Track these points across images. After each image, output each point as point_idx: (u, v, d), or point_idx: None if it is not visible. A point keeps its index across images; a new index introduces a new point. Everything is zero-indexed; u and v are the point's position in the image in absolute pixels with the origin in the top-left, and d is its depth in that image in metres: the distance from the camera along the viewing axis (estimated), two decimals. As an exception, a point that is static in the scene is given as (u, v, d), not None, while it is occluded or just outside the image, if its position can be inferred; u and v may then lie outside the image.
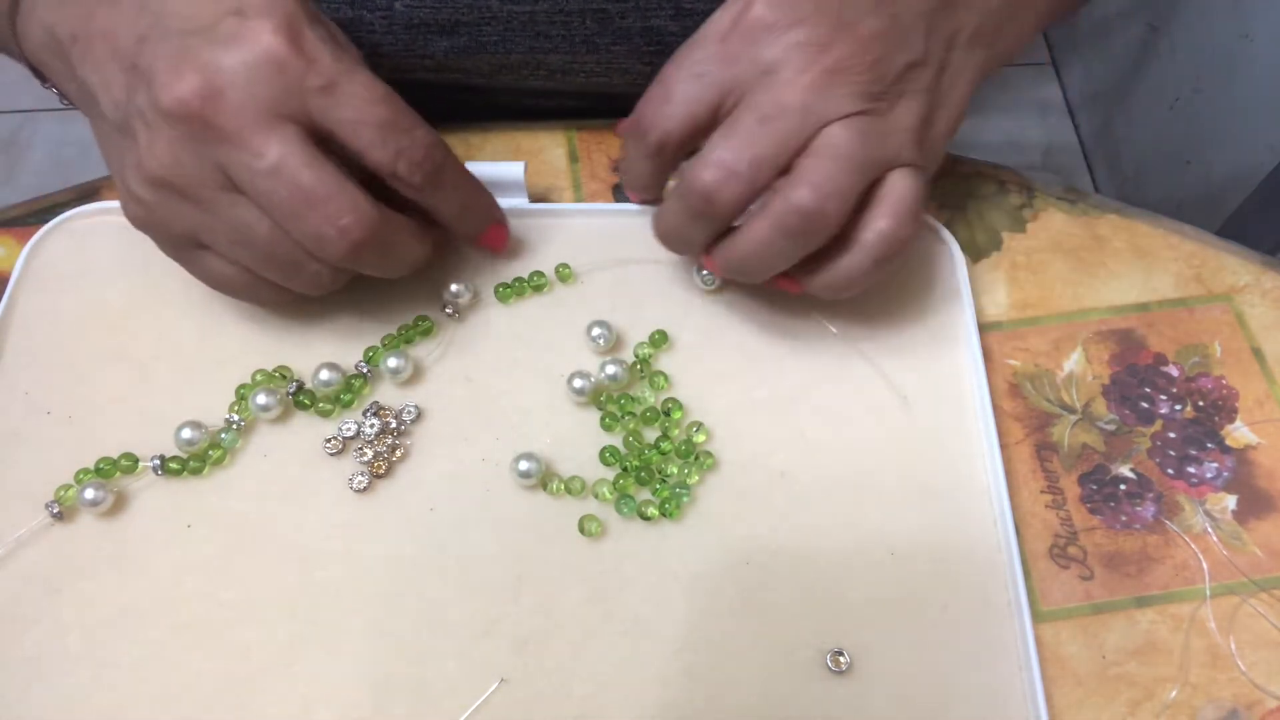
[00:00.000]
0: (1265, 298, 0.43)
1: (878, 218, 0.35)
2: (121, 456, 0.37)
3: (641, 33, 0.47)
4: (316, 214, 0.33)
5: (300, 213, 0.33)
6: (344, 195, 0.33)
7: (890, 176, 0.35)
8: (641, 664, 0.35)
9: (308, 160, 0.32)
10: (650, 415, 0.39)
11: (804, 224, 0.34)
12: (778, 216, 0.34)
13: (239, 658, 0.34)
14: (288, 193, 0.32)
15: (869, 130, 0.34)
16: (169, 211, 0.35)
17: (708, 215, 0.35)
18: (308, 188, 0.32)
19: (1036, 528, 0.38)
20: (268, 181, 0.32)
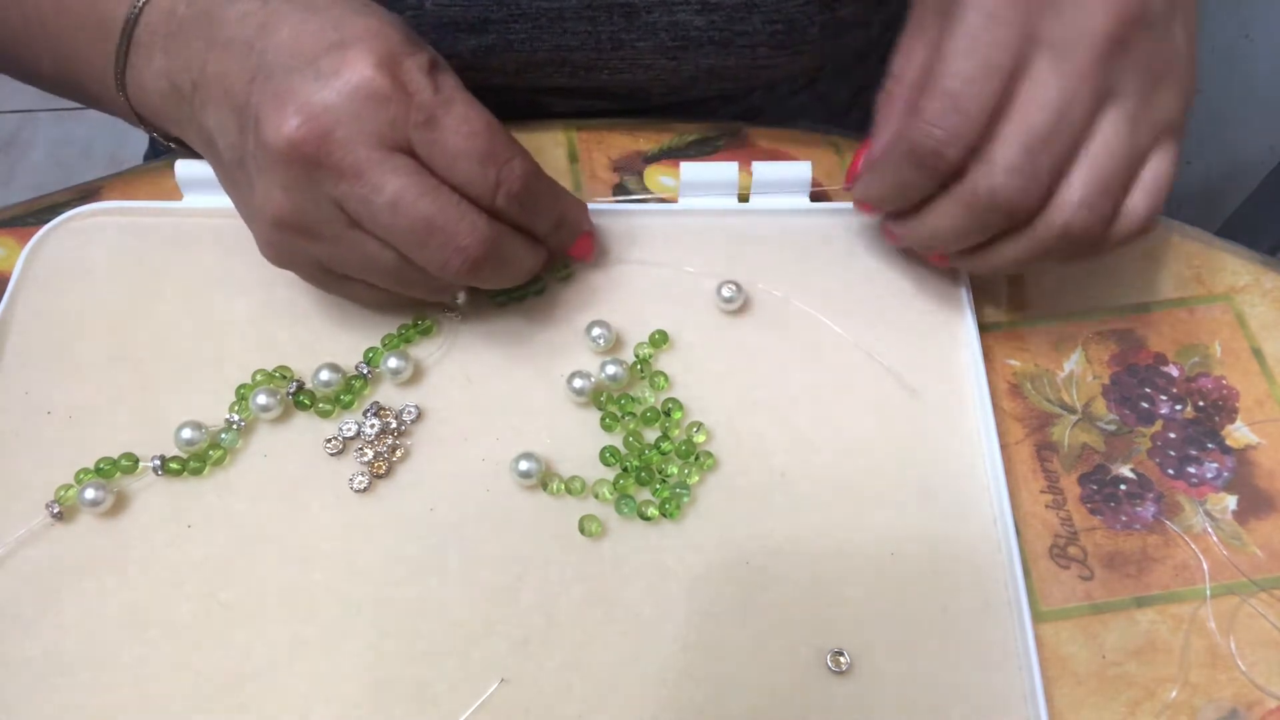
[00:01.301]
0: (1265, 298, 0.43)
1: (1138, 200, 0.34)
2: (121, 456, 0.37)
3: (667, 27, 0.47)
4: (437, 241, 0.34)
5: (422, 241, 0.34)
6: (462, 220, 0.34)
7: (1152, 157, 0.35)
8: (641, 664, 0.35)
9: (423, 190, 0.33)
10: (650, 415, 0.39)
11: (1068, 241, 0.34)
12: (1039, 237, 0.34)
13: (239, 658, 0.34)
14: (408, 224, 0.33)
15: (1146, 116, 0.34)
16: (298, 249, 0.36)
17: (998, 224, 0.35)
18: (427, 218, 0.33)
19: (1036, 528, 0.38)
20: (387, 216, 0.33)
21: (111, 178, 0.46)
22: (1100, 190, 0.34)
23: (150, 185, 0.45)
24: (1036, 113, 0.33)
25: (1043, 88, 0.33)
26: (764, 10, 0.46)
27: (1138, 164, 0.35)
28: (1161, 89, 0.34)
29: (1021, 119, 0.33)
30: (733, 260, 0.43)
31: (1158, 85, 0.34)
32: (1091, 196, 0.34)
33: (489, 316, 0.41)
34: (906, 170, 0.35)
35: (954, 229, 0.35)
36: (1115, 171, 0.34)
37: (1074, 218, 0.34)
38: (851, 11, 0.48)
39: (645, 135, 0.47)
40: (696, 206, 0.44)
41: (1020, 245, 0.35)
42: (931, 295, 0.42)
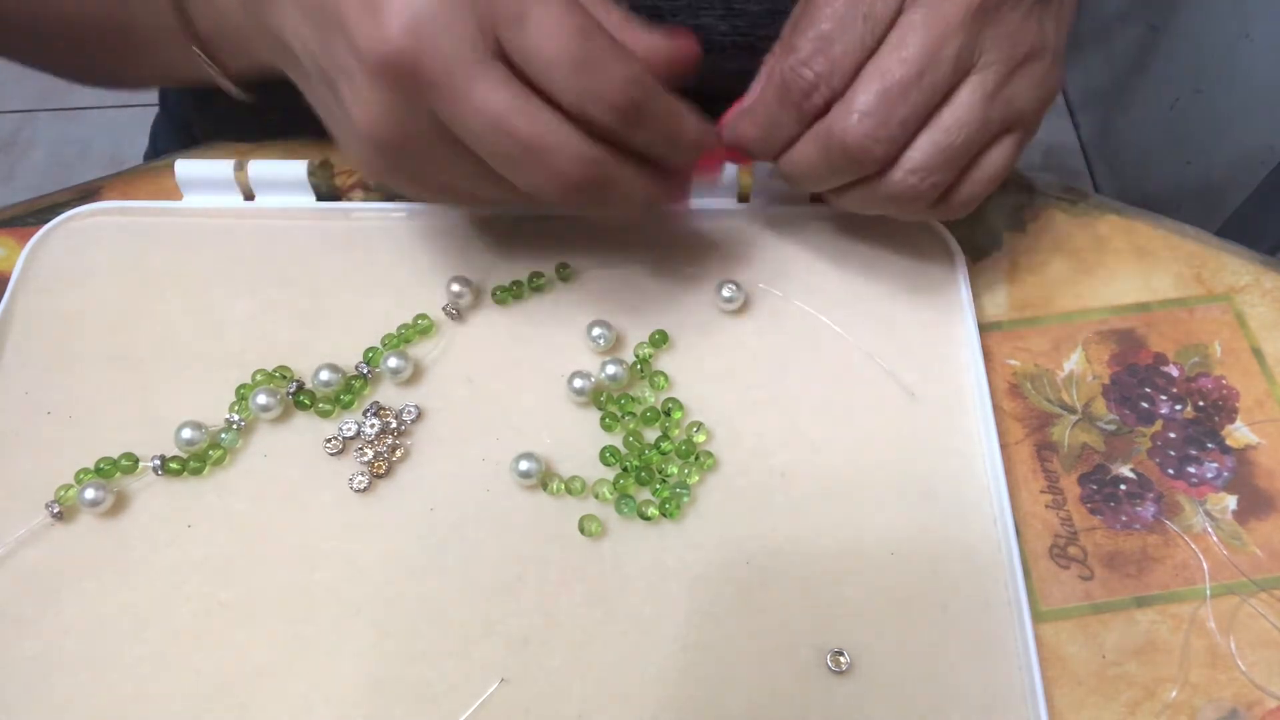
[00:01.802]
0: (1265, 298, 0.43)
1: (962, 186, 0.35)
2: (121, 456, 0.37)
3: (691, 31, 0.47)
4: (531, 163, 0.31)
5: (517, 163, 0.31)
6: (559, 142, 0.31)
7: (996, 145, 0.35)
8: (641, 664, 0.35)
9: (518, 107, 0.30)
10: (650, 415, 0.39)
11: (895, 204, 0.34)
12: (881, 192, 0.34)
13: (239, 658, 0.34)
14: (505, 143, 0.31)
15: (1006, 91, 0.34)
16: (399, 165, 0.34)
17: (847, 169, 0.35)
18: (523, 139, 0.31)
19: (1036, 528, 0.38)
20: (485, 132, 0.31)
21: (111, 178, 0.46)
22: (941, 162, 0.34)
23: (150, 185, 0.45)
24: (899, 64, 0.33)
25: (909, 39, 0.33)
26: (788, 15, 0.46)
27: (983, 145, 0.35)
28: (1022, 74, 0.35)
29: (884, 67, 0.33)
30: (733, 260, 0.43)
31: (1019, 69, 0.34)
32: (930, 165, 0.34)
33: (489, 316, 0.41)
34: (775, 109, 0.35)
35: (810, 169, 0.35)
36: (959, 146, 0.34)
37: (906, 182, 0.34)
38: None
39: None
40: (696, 206, 0.44)
41: (859, 196, 0.36)
42: (931, 295, 0.42)
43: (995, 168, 0.35)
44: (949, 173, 0.35)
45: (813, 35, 0.33)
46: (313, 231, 0.43)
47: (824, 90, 0.34)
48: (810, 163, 0.35)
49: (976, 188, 0.36)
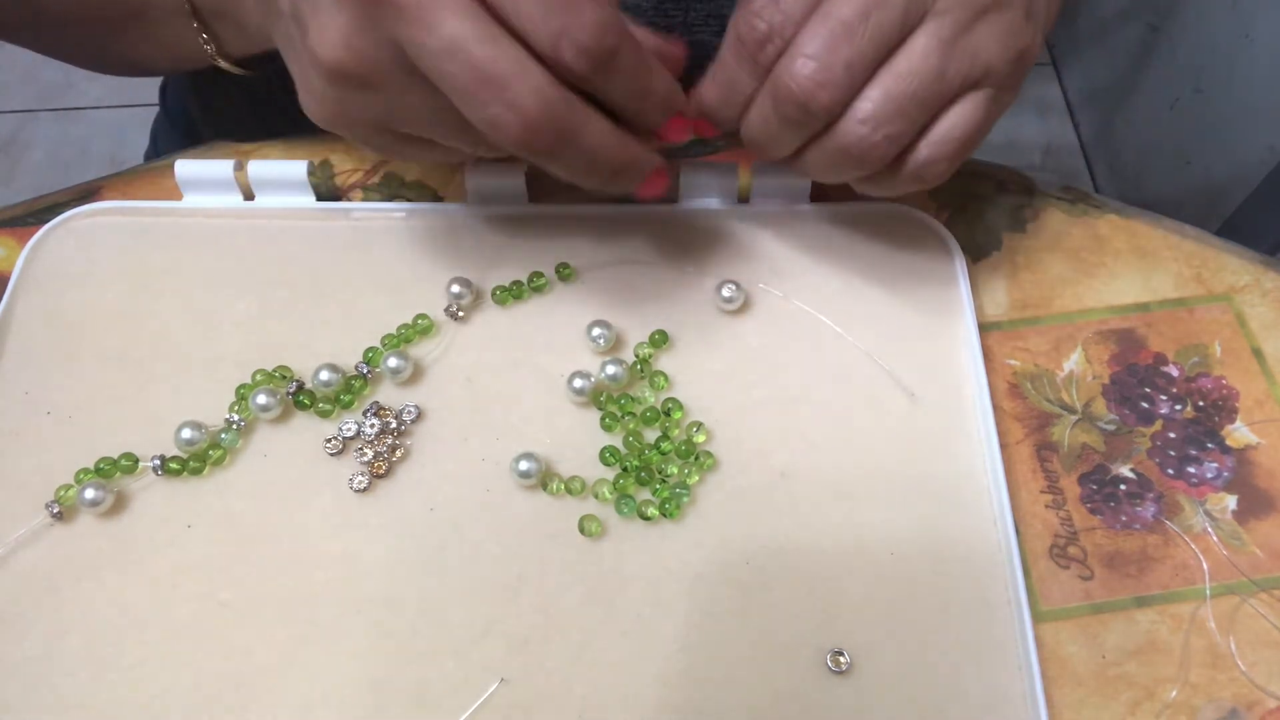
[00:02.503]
0: (1265, 298, 0.43)
1: (921, 145, 0.34)
2: (121, 456, 0.37)
3: (688, 47, 0.47)
4: (489, 94, 0.30)
5: (474, 94, 0.30)
6: (521, 75, 0.30)
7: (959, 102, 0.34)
8: (641, 664, 0.35)
9: (482, 36, 0.29)
10: (650, 415, 0.39)
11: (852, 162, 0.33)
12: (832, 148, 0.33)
13: (239, 658, 0.34)
14: (462, 72, 0.30)
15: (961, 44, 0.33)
16: (356, 104, 0.33)
17: (802, 124, 0.33)
18: (482, 66, 0.29)
19: (1036, 528, 0.38)
20: (441, 61, 0.30)
21: (111, 178, 0.46)
22: (892, 111, 0.33)
23: (150, 185, 0.45)
24: (845, 5, 0.32)
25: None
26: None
27: (942, 99, 0.33)
28: (985, 24, 0.33)
29: (830, 10, 0.32)
30: (733, 260, 0.43)
31: (982, 18, 0.33)
32: (881, 115, 0.32)
33: (489, 316, 0.42)
34: (733, 66, 0.34)
35: (765, 125, 0.34)
36: (911, 94, 0.33)
37: (856, 133, 0.33)
38: None
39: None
40: (696, 206, 0.44)
41: (816, 158, 0.34)
42: (931, 295, 0.42)
43: (959, 128, 0.34)
44: (903, 124, 0.33)
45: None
46: (313, 231, 0.43)
47: (777, 42, 0.33)
48: (765, 119, 0.34)
49: (938, 149, 0.34)
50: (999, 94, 0.34)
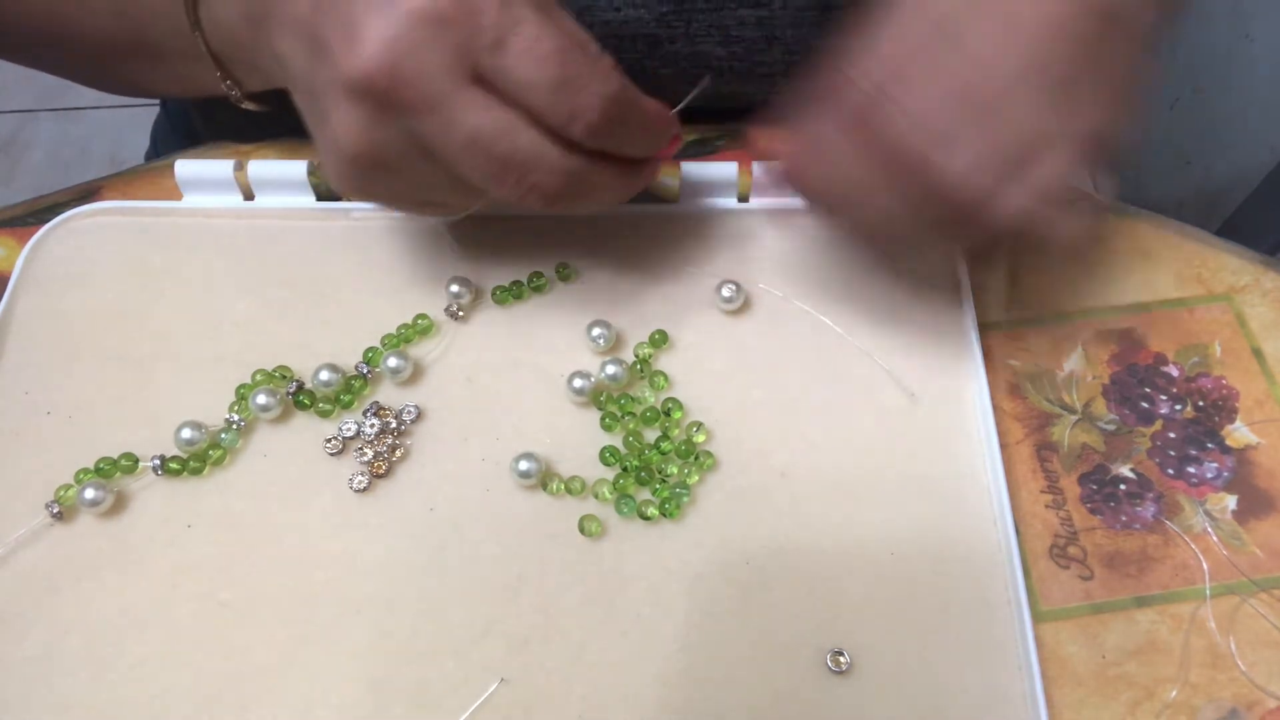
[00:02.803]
0: (1265, 298, 0.43)
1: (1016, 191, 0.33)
2: (121, 456, 0.37)
3: (689, 57, 0.47)
4: (512, 179, 0.32)
5: (498, 179, 0.32)
6: (539, 158, 0.32)
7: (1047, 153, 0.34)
8: (641, 664, 0.35)
9: (498, 129, 0.31)
10: (650, 415, 0.39)
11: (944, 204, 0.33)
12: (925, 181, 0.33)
13: (239, 658, 0.34)
14: (483, 165, 0.32)
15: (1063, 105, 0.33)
16: (376, 181, 0.34)
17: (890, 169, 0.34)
18: (503, 157, 0.32)
19: (1036, 528, 0.38)
20: (463, 156, 0.32)
21: (111, 178, 0.46)
22: (990, 151, 0.33)
23: (150, 185, 0.45)
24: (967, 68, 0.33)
25: (979, 45, 0.33)
26: (784, 43, 0.47)
27: (1035, 148, 0.34)
28: (1086, 89, 0.34)
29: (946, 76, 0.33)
30: (733, 260, 0.43)
31: (1086, 83, 0.34)
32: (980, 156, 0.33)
33: (489, 316, 0.41)
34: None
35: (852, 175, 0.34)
36: (1010, 139, 0.33)
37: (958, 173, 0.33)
38: None
39: (645, 135, 0.47)
40: (696, 206, 0.44)
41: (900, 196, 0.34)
42: (931, 295, 0.42)
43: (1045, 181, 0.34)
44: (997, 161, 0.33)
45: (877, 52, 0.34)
46: (313, 231, 0.43)
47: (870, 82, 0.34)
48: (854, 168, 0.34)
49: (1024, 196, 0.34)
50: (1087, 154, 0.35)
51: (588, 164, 0.34)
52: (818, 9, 0.45)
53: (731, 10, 0.45)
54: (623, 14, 0.45)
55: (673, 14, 0.45)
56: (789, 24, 0.46)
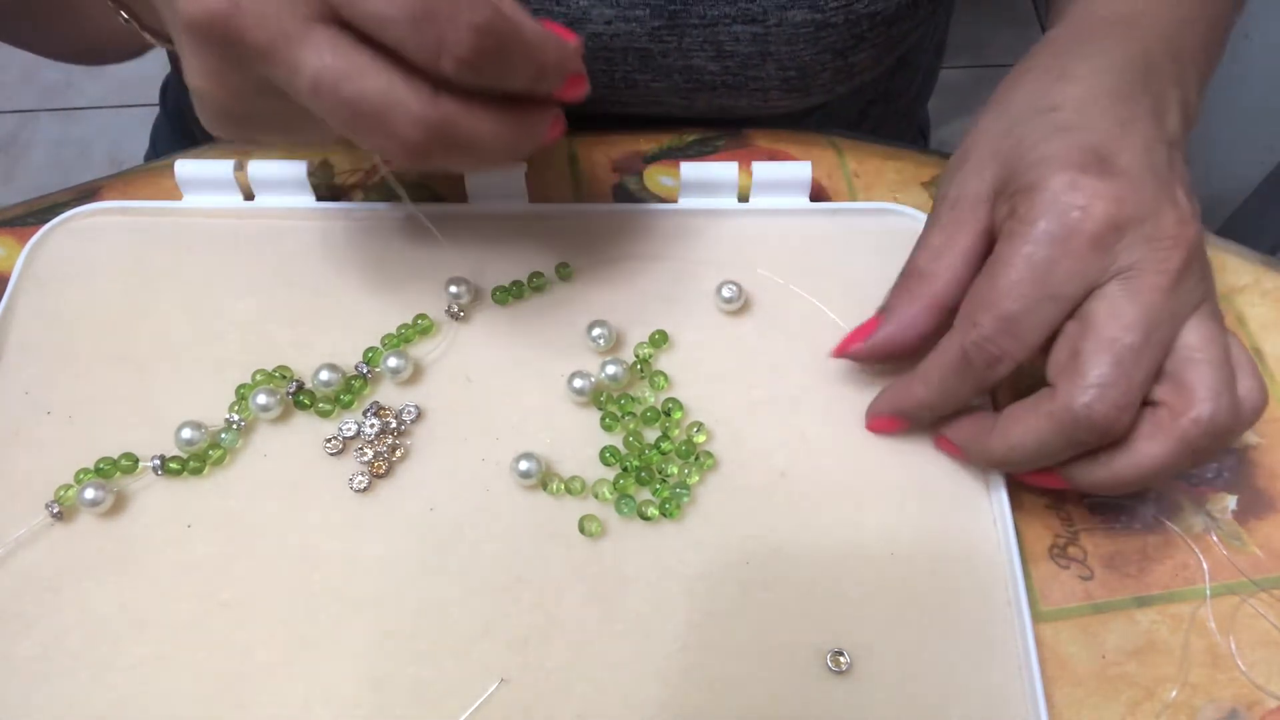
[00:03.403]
0: (1265, 298, 0.43)
1: (1247, 382, 0.34)
2: (121, 456, 0.37)
3: (681, 70, 0.47)
4: (368, 128, 0.29)
5: (353, 128, 0.29)
6: (396, 105, 0.29)
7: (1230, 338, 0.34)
8: (641, 664, 0.35)
9: (345, 70, 0.28)
10: (650, 415, 0.39)
11: (1212, 440, 0.33)
12: (1186, 438, 0.32)
13: (239, 658, 0.34)
14: (334, 109, 0.29)
15: (1216, 314, 0.34)
16: (237, 124, 0.33)
17: (1090, 443, 0.33)
18: (351, 104, 0.29)
19: (1036, 528, 0.38)
20: (313, 99, 0.29)
21: (111, 178, 0.46)
22: (1223, 383, 0.33)
23: (150, 185, 0.45)
24: (1123, 331, 0.32)
25: (1123, 308, 0.32)
26: (778, 58, 0.46)
27: (1226, 351, 0.34)
28: (1209, 278, 0.34)
29: (1109, 336, 0.32)
30: (733, 260, 0.43)
31: (1208, 278, 0.34)
32: (1217, 389, 0.33)
33: (489, 316, 0.41)
34: (953, 379, 0.35)
35: (1039, 443, 0.34)
36: (1223, 363, 0.33)
37: (1214, 412, 0.32)
38: (865, 58, 0.48)
39: (645, 135, 0.47)
40: (696, 206, 0.44)
41: (1156, 447, 0.33)
42: (931, 295, 0.42)
43: (1244, 356, 0.35)
44: (1231, 387, 0.33)
45: (998, 314, 0.33)
46: (313, 231, 0.43)
47: (1008, 364, 0.34)
48: (1041, 439, 0.34)
49: (1254, 380, 0.34)
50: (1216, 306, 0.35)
51: (459, 109, 0.30)
52: (812, 26, 0.45)
53: (725, 26, 0.45)
54: (614, 27, 0.45)
55: (665, 28, 0.45)
56: (783, 40, 0.45)
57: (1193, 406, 0.32)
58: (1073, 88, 0.36)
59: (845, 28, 0.45)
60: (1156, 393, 0.33)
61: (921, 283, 0.36)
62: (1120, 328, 0.32)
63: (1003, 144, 0.35)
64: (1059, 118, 0.35)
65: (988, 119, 0.37)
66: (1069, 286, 0.33)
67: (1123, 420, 0.32)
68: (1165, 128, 0.36)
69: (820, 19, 0.45)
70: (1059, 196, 0.33)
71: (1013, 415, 0.34)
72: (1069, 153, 0.33)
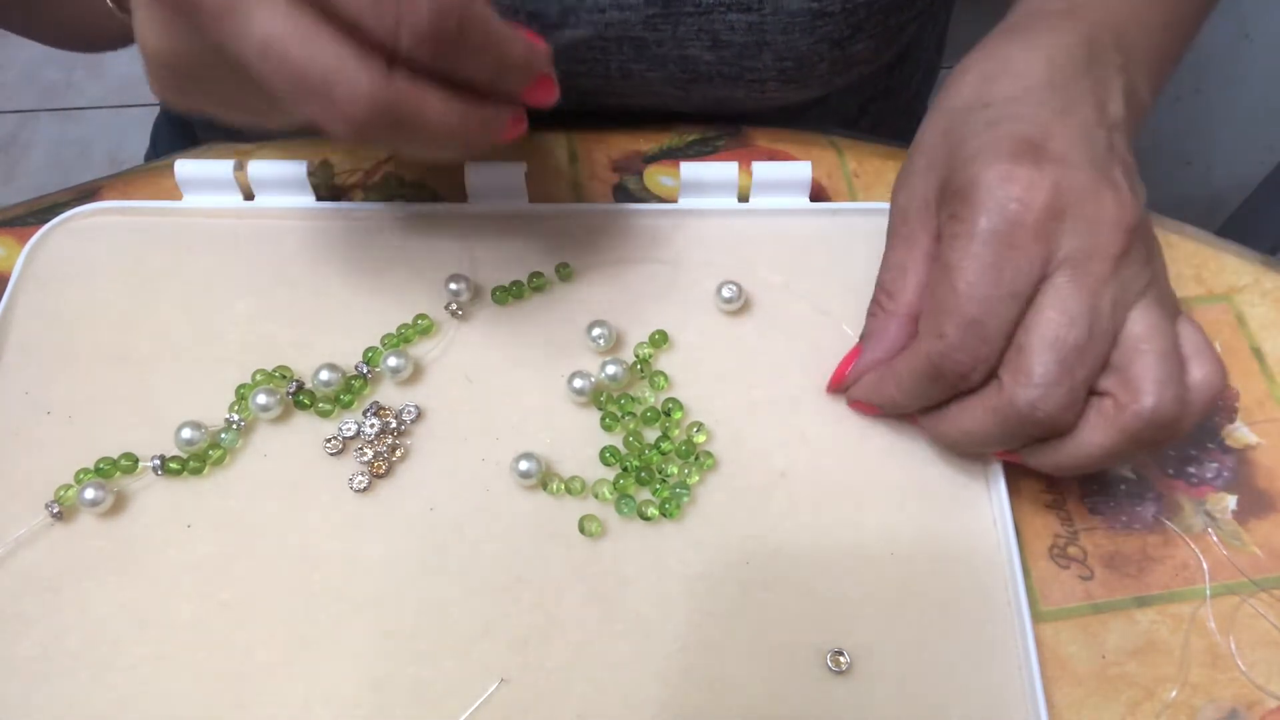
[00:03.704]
0: (1265, 298, 0.43)
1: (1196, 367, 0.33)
2: (121, 456, 0.37)
3: (677, 61, 0.47)
4: (312, 98, 0.28)
5: (298, 96, 0.28)
6: (341, 75, 0.27)
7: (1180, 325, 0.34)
8: (641, 664, 0.35)
9: (299, 35, 0.27)
10: (650, 415, 0.39)
11: (1156, 431, 0.33)
12: (1128, 430, 0.32)
13: (239, 658, 0.34)
14: (279, 75, 0.28)
15: (1163, 299, 0.34)
16: (186, 89, 0.32)
17: (1034, 435, 0.34)
18: (298, 70, 0.27)
19: (1036, 528, 0.38)
20: (258, 65, 0.28)
21: (111, 178, 0.46)
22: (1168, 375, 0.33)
23: (150, 185, 0.45)
24: (1067, 328, 0.32)
25: (1069, 303, 0.32)
26: (774, 48, 0.46)
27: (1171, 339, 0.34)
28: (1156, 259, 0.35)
29: (1052, 335, 0.32)
30: (733, 260, 0.43)
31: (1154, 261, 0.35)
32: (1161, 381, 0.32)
33: (489, 316, 0.41)
34: (925, 386, 0.35)
35: (986, 434, 0.34)
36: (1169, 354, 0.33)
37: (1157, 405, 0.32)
38: (863, 49, 0.48)
39: (645, 135, 0.47)
40: (696, 206, 0.44)
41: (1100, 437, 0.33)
42: (931, 295, 0.42)
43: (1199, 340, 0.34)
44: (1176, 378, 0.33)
45: (961, 322, 0.33)
46: (313, 231, 0.43)
47: (981, 370, 0.34)
48: (988, 430, 0.34)
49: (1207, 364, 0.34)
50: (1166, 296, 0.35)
51: (408, 89, 0.29)
52: (809, 15, 0.45)
53: (721, 15, 0.45)
54: (608, 15, 0.45)
55: (659, 16, 0.45)
56: (779, 30, 0.45)
57: (1136, 400, 0.32)
58: (1009, 82, 0.35)
59: (842, 16, 0.45)
60: (1103, 383, 0.33)
61: (891, 301, 0.37)
62: (1065, 323, 0.32)
63: (941, 146, 0.35)
64: (991, 113, 0.35)
65: (930, 121, 0.37)
66: (1022, 281, 0.32)
67: (1066, 417, 0.33)
68: (1106, 113, 0.36)
69: (817, 7, 0.44)
70: (995, 190, 0.33)
71: (964, 406, 0.35)
72: (1000, 144, 0.33)
